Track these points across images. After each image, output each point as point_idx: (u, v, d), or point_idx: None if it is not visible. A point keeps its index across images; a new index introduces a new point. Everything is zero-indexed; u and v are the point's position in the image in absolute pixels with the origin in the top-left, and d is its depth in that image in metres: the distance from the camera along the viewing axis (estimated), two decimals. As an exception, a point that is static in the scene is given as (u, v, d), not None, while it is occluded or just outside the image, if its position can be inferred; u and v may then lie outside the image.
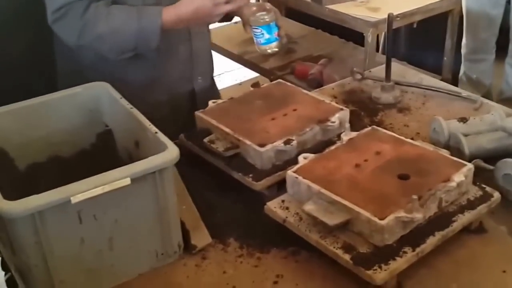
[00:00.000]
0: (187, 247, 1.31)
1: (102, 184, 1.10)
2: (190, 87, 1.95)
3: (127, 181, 1.12)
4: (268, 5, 1.87)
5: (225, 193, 1.51)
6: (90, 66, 1.82)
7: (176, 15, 1.66)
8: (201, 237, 1.34)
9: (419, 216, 1.19)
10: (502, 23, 3.42)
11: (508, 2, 3.34)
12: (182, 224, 1.31)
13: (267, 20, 1.80)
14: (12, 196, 1.06)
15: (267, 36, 1.80)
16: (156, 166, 1.16)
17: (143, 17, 1.66)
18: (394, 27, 1.90)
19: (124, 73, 1.77)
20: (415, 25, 3.14)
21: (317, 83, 2.72)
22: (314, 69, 2.94)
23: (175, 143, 1.22)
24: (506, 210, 1.37)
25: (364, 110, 1.86)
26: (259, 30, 1.81)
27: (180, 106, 1.93)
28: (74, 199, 1.07)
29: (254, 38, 1.83)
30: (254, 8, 1.85)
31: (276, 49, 1.85)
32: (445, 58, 3.21)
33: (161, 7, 1.68)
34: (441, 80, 2.38)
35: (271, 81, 2.59)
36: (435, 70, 3.18)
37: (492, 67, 3.57)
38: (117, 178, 1.11)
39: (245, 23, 1.90)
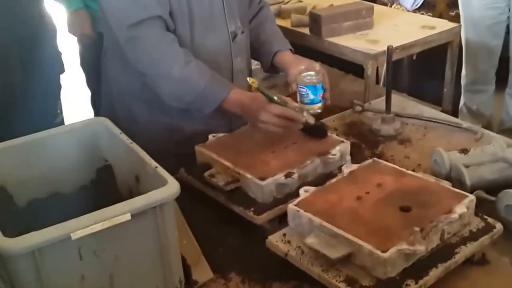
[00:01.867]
0: (188, 282, 1.30)
1: (102, 220, 1.09)
2: (228, 122, 1.91)
3: (128, 216, 1.11)
4: (317, 66, 1.85)
5: (226, 227, 1.50)
6: (131, 93, 1.83)
7: (239, 99, 1.66)
8: (202, 272, 1.34)
9: (421, 248, 1.18)
10: (502, 54, 3.44)
11: (507, 33, 3.36)
12: (183, 259, 1.30)
13: (315, 81, 1.78)
14: (11, 232, 1.05)
15: (311, 97, 1.78)
16: (156, 201, 1.15)
17: (214, 82, 1.68)
18: (393, 59, 1.91)
19: (163, 101, 1.77)
20: (414, 57, 3.16)
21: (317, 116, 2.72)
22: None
23: (175, 178, 1.22)
24: (508, 241, 1.36)
25: (365, 142, 1.86)
26: (304, 90, 1.78)
27: None
28: (74, 235, 1.06)
29: (298, 96, 1.81)
30: (303, 67, 1.83)
31: (319, 111, 1.82)
32: (445, 90, 3.22)
33: (232, 84, 1.72)
34: (441, 111, 2.38)
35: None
36: (435, 101, 3.19)
37: (492, 98, 3.58)
38: (117, 214, 1.11)
39: (291, 81, 1.86)
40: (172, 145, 1.83)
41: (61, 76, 2.32)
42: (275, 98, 1.59)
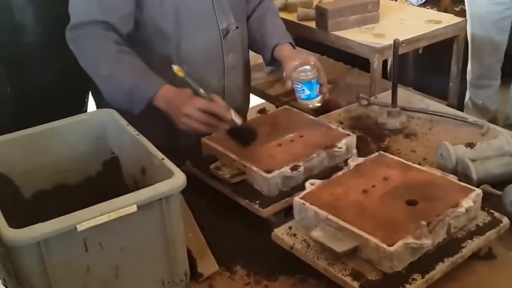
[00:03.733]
0: (194, 275, 1.30)
1: (108, 211, 1.09)
2: None
3: (134, 208, 1.11)
4: (312, 60, 1.80)
5: (232, 220, 1.50)
6: None
7: (168, 95, 1.61)
8: (208, 265, 1.33)
9: (428, 242, 1.18)
10: (507, 49, 3.43)
11: (513, 28, 3.35)
12: (189, 252, 1.30)
13: (310, 77, 1.75)
14: (17, 224, 1.05)
15: (307, 92, 1.75)
16: (162, 193, 1.15)
17: (144, 80, 1.63)
18: (399, 53, 1.90)
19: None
20: (420, 51, 3.15)
21: (322, 109, 2.71)
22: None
23: (181, 170, 1.21)
24: (515, 235, 1.36)
25: (371, 136, 1.85)
26: (300, 86, 1.75)
27: None
28: (80, 227, 1.06)
29: (295, 92, 1.79)
30: (297, 63, 1.79)
31: (318, 104, 1.79)
32: (450, 84, 3.21)
33: (164, 82, 1.63)
34: (447, 105, 2.37)
35: (277, 107, 2.59)
36: (441, 95, 3.18)
37: (498, 93, 3.57)
38: (123, 205, 1.10)
39: (285, 78, 1.82)
40: (165, 140, 1.80)
41: None
42: (201, 91, 1.53)
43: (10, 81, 2.00)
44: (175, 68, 1.52)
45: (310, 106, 1.77)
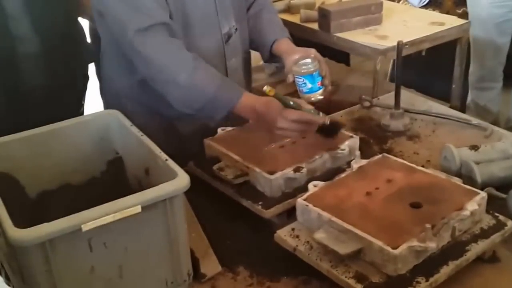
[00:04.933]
0: (197, 275, 1.30)
1: (113, 211, 1.09)
2: (226, 123, 1.82)
3: (138, 208, 1.11)
4: (313, 53, 1.79)
5: (234, 221, 1.50)
6: (126, 95, 1.82)
7: (252, 104, 1.61)
8: (211, 266, 1.33)
9: (432, 245, 1.18)
10: (509, 51, 3.43)
11: (515, 30, 3.35)
12: (192, 252, 1.30)
13: (311, 70, 1.72)
14: (22, 224, 1.05)
15: (309, 85, 1.73)
16: (167, 193, 1.15)
17: (224, 87, 1.63)
18: (403, 55, 1.90)
19: (161, 103, 1.73)
20: (423, 53, 3.15)
21: (324, 111, 2.71)
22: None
23: (185, 171, 1.21)
24: (519, 239, 1.36)
25: (373, 138, 1.85)
26: (301, 80, 1.74)
27: None
28: (85, 227, 1.06)
29: (297, 86, 1.77)
30: (297, 56, 1.77)
31: (320, 97, 1.76)
32: (453, 86, 3.21)
33: (243, 90, 1.66)
34: (450, 107, 2.37)
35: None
36: (443, 97, 3.18)
37: (500, 95, 3.57)
38: (128, 206, 1.11)
39: (286, 72, 1.81)
40: (168, 146, 1.80)
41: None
42: (291, 103, 1.55)
43: (5, 90, 2.00)
44: (267, 89, 1.53)
45: (313, 99, 1.75)
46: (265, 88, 1.54)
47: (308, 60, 1.75)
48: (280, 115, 1.54)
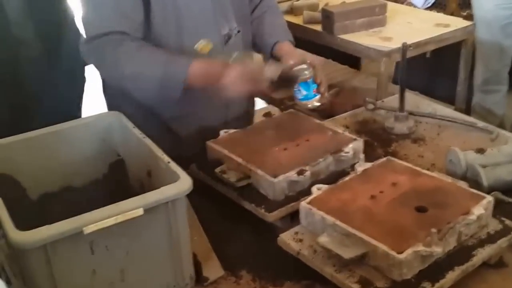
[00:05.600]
0: (199, 279, 1.29)
1: (115, 214, 1.08)
2: (223, 125, 1.84)
3: (140, 211, 1.11)
4: (309, 58, 1.73)
5: (237, 224, 1.49)
6: (121, 95, 1.81)
7: (202, 68, 1.60)
8: (213, 269, 1.32)
9: (438, 250, 1.17)
10: (515, 54, 3.41)
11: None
12: (194, 256, 1.30)
13: (305, 77, 1.68)
14: (24, 226, 1.05)
15: (304, 92, 1.70)
16: (169, 196, 1.14)
17: (170, 65, 1.61)
18: (407, 57, 1.89)
19: (154, 104, 1.75)
20: (428, 55, 3.14)
21: (328, 113, 2.70)
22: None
23: (187, 173, 1.20)
24: (526, 244, 1.34)
25: (378, 141, 1.84)
26: (296, 87, 1.70)
27: None
28: (87, 230, 1.06)
29: (293, 93, 1.73)
30: (292, 62, 1.71)
31: (317, 104, 1.72)
32: (458, 88, 3.19)
33: (191, 60, 1.61)
34: (454, 110, 2.36)
35: (281, 110, 2.58)
36: (448, 100, 3.17)
37: (505, 98, 3.55)
38: (130, 209, 1.10)
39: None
40: (165, 148, 1.80)
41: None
42: (233, 56, 1.57)
43: (8, 97, 2.00)
44: (202, 44, 1.53)
45: (309, 106, 1.73)
46: (196, 45, 1.53)
47: (303, 67, 1.70)
48: (223, 72, 1.54)
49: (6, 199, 1.15)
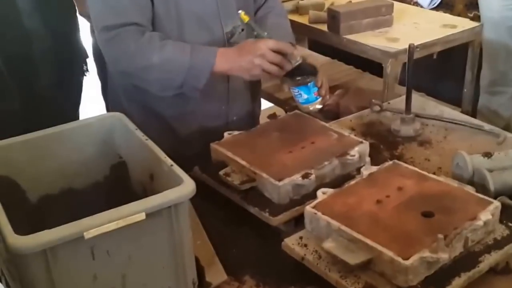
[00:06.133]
0: (202, 284, 1.28)
1: (116, 218, 1.06)
2: (225, 125, 1.87)
3: (142, 216, 1.09)
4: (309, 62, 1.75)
5: (241, 228, 1.47)
6: (123, 93, 1.81)
7: (227, 51, 1.66)
8: (216, 274, 1.31)
9: (444, 256, 1.15)
10: (522, 55, 3.38)
11: (528, 34, 3.30)
12: (197, 260, 1.28)
13: (306, 80, 1.69)
14: (23, 229, 1.03)
15: (305, 96, 1.70)
16: (172, 200, 1.12)
17: (197, 54, 1.65)
18: (414, 58, 1.87)
19: (156, 103, 1.77)
20: (435, 56, 3.11)
21: (333, 115, 2.68)
22: (330, 99, 2.90)
23: (190, 176, 1.18)
24: (533, 250, 1.32)
25: (383, 143, 1.82)
26: (296, 90, 1.71)
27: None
28: (88, 235, 1.04)
29: (294, 96, 1.75)
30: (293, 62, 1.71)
31: (319, 106, 1.74)
32: (465, 90, 3.16)
33: (217, 48, 1.67)
34: (461, 112, 2.34)
35: (286, 111, 2.56)
36: (455, 101, 3.14)
37: (511, 100, 3.52)
38: (132, 213, 1.08)
39: (283, 81, 1.76)
40: (166, 148, 1.79)
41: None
42: (265, 34, 1.61)
43: (20, 94, 2.00)
44: (242, 13, 1.62)
45: (311, 108, 1.73)
46: (240, 11, 1.63)
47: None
48: (257, 43, 1.61)
49: (4, 201, 1.13)
